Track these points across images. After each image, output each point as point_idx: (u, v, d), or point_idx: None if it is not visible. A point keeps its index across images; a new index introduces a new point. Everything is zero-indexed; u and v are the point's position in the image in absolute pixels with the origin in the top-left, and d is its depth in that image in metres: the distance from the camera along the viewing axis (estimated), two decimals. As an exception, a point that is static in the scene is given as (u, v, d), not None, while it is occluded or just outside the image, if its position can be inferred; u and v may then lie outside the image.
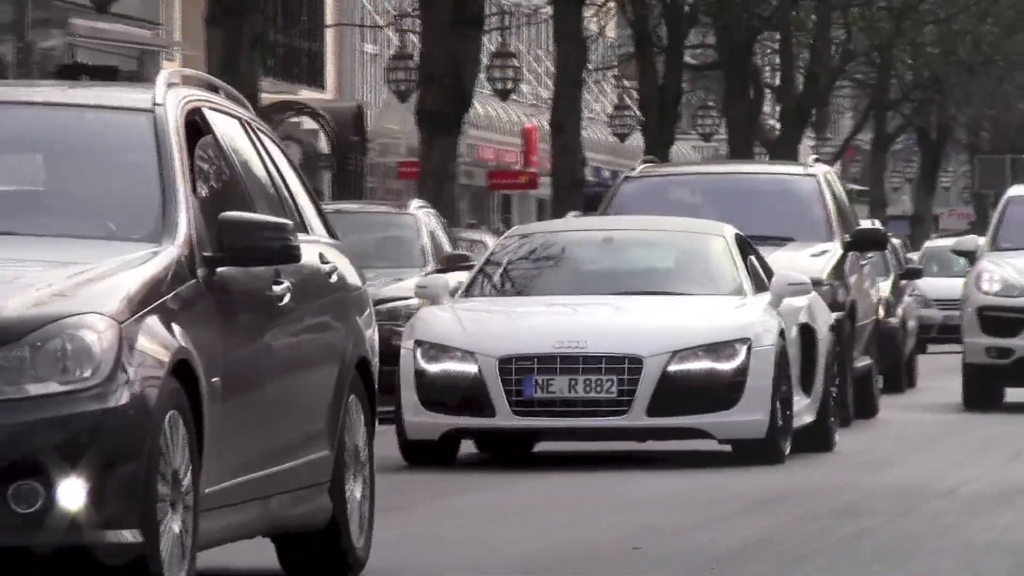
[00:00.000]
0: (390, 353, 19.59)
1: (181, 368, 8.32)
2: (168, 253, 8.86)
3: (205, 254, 9.24)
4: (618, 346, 14.18)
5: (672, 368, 14.32)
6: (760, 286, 16.99)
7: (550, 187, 75.05)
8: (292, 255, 9.75)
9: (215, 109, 10.72)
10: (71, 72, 12.60)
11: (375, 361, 12.47)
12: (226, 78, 41.72)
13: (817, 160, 41.39)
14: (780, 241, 27.47)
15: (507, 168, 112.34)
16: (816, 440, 18.19)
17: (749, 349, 14.42)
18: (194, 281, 8.99)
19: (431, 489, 15.41)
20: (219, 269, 9.43)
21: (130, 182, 9.75)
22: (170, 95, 9.88)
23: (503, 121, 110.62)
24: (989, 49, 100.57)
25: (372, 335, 12.53)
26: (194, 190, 9.54)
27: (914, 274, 51.50)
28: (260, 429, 10.06)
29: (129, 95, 10.51)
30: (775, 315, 15.96)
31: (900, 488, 17.30)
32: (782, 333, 15.70)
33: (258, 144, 11.36)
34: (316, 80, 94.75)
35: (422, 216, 40.15)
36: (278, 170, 11.53)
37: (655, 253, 17.84)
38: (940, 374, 44.26)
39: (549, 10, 75.58)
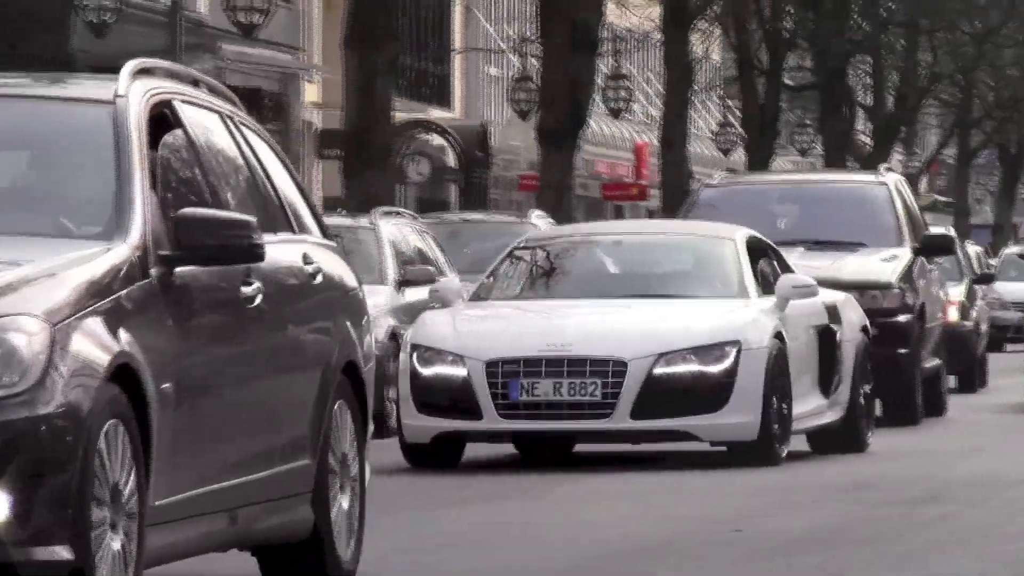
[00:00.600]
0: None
1: (123, 373, 7.48)
2: (118, 252, 8.04)
3: (161, 253, 8.42)
4: (602, 349, 14.04)
5: (657, 371, 14.07)
6: (769, 288, 16.53)
7: (659, 198, 76.76)
8: (255, 254, 8.92)
9: (189, 102, 9.81)
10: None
11: (369, 366, 11.39)
12: (362, 99, 44.65)
13: (888, 169, 39.17)
14: (852, 246, 28.78)
15: (619, 181, 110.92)
16: (844, 440, 17.61)
17: (739, 351, 14.19)
18: (146, 281, 8.17)
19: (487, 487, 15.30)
20: (177, 269, 8.60)
21: (85, 177, 9.00)
22: (135, 86, 9.02)
23: (616, 138, 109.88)
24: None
25: (366, 338, 11.60)
26: (154, 187, 8.72)
27: (987, 279, 50.33)
28: (225, 437, 9.14)
29: (92, 86, 9.61)
30: (774, 317, 15.52)
31: (973, 478, 17.39)
32: (780, 335, 15.29)
33: (240, 140, 10.39)
34: (444, 100, 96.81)
35: (542, 225, 39.59)
36: (263, 167, 10.58)
37: (662, 257, 17.58)
38: (1013, 373, 39.83)
39: (659, 35, 76.68)
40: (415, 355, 15.13)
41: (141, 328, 7.75)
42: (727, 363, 14.55)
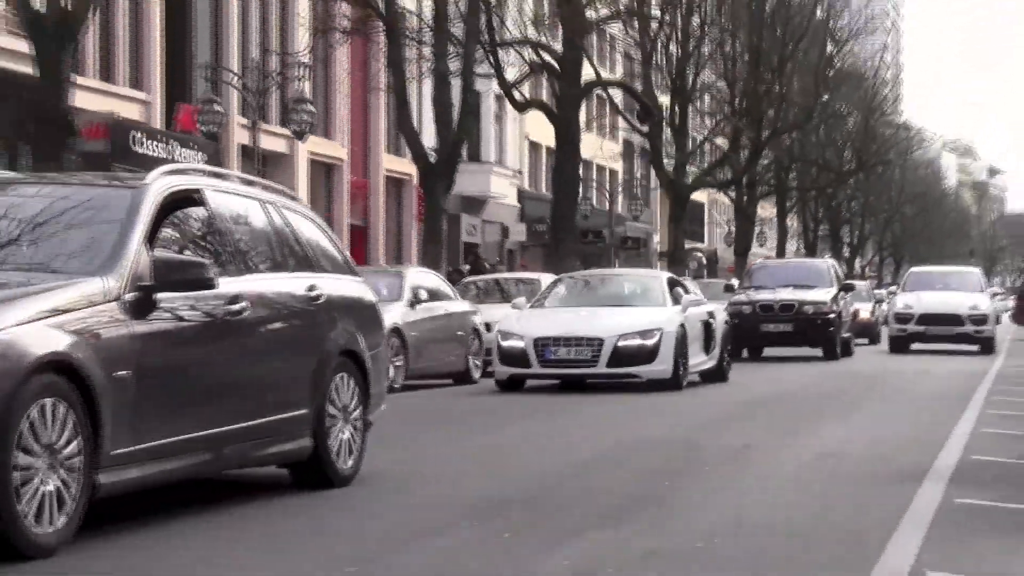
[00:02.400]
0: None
1: (64, 366, 10.81)
2: (94, 283, 11.47)
3: (141, 284, 11.80)
4: (591, 332, 24.31)
5: (620, 344, 24.13)
6: (679, 301, 26.97)
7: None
8: (206, 284, 12.40)
9: (222, 191, 13.97)
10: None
11: (375, 351, 16.23)
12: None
13: (829, 257, 64.31)
14: (811, 287, 42.73)
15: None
16: (716, 375, 28.77)
17: (661, 334, 24.38)
18: (114, 303, 11.46)
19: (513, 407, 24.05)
20: (160, 294, 12.21)
21: (101, 233, 12.36)
22: (162, 179, 12.80)
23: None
24: None
25: (371, 337, 16.22)
26: (151, 241, 12.10)
27: (849, 288, 52.76)
28: (196, 403, 12.86)
29: (136, 178, 13.44)
30: (680, 316, 25.72)
31: (774, 393, 27.93)
32: (682, 325, 25.55)
33: (271, 214, 14.68)
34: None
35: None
36: (292, 231, 15.12)
37: (624, 286, 29.10)
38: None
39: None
40: (499, 335, 25.42)
41: (99, 333, 11.34)
42: (655, 340, 24.37)
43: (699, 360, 27.08)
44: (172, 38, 55.96)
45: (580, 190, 59.91)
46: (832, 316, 40.02)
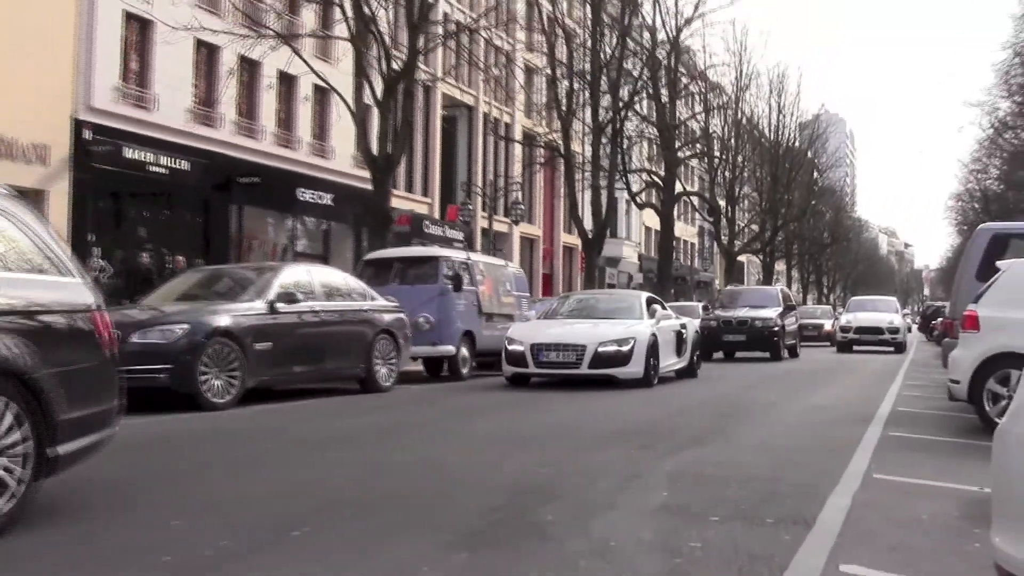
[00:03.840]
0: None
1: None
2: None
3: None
4: (576, 340, 19.26)
5: (600, 349, 19.06)
6: (654, 316, 21.03)
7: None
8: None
9: None
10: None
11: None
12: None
13: (778, 283, 53.01)
14: (764, 307, 34.56)
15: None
16: (688, 373, 22.96)
17: (635, 341, 19.32)
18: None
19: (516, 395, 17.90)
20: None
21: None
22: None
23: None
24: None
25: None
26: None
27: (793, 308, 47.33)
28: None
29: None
30: (652, 327, 20.08)
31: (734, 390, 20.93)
32: (654, 335, 19.97)
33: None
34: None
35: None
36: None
37: (609, 303, 22.46)
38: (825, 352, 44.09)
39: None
40: (506, 340, 20.16)
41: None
42: (629, 346, 19.41)
43: (671, 362, 21.65)
44: (445, 165, 56.58)
45: (673, 254, 59.76)
46: (776, 328, 33.44)
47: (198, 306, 14.94)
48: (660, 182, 55.00)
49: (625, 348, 19.24)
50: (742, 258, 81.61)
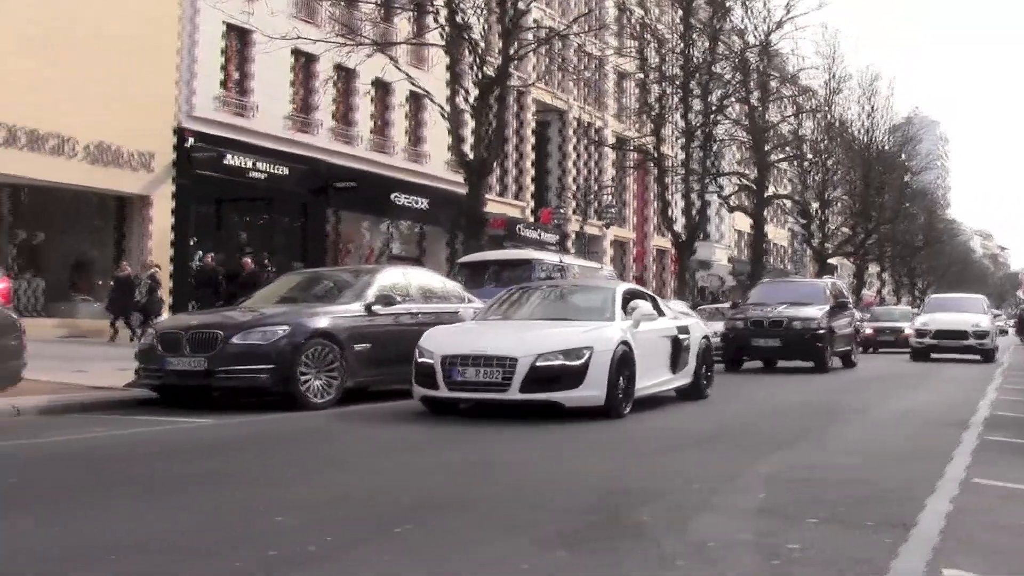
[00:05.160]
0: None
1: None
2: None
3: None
4: (503, 351, 12.98)
5: (538, 364, 12.79)
6: (633, 316, 14.90)
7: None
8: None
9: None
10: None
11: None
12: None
13: (828, 277, 40.90)
14: (807, 304, 27.73)
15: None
16: (694, 394, 16.58)
17: (591, 353, 13.00)
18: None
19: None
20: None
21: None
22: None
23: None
24: None
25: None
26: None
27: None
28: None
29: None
30: (624, 332, 13.91)
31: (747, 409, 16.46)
32: (625, 343, 13.72)
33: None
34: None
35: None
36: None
37: (573, 298, 16.17)
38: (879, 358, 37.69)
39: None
40: (417, 351, 13.87)
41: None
42: (582, 359, 13.14)
43: (663, 379, 15.64)
44: (538, 170, 56.62)
45: (764, 257, 59.27)
46: (821, 331, 26.45)
47: (298, 308, 15.05)
48: (751, 185, 54.60)
49: (576, 362, 13.14)
50: (834, 261, 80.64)
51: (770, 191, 57.84)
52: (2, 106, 27.96)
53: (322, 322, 14.39)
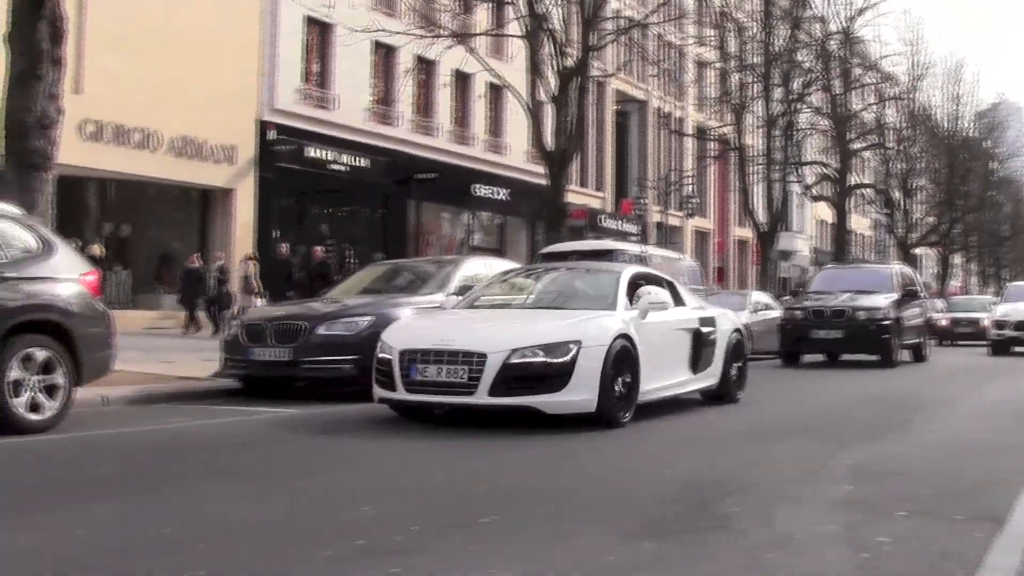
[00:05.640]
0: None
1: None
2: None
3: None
4: (471, 345, 10.58)
5: (512, 361, 10.36)
6: (640, 305, 12.25)
7: None
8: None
9: None
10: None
11: None
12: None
13: (897, 263, 37.62)
14: (874, 292, 25.13)
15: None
16: (721, 397, 13.98)
17: (579, 348, 10.52)
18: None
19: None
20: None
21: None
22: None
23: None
24: None
25: None
26: None
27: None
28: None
29: None
30: (625, 324, 11.40)
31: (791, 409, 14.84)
32: (626, 336, 11.20)
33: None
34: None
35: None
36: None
37: (571, 283, 13.43)
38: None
39: None
40: (379, 346, 11.47)
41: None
42: (568, 356, 10.59)
43: (679, 379, 13.06)
44: (619, 160, 56.48)
45: (847, 247, 58.67)
46: (887, 322, 23.75)
47: (381, 299, 15.11)
48: (834, 174, 54.04)
49: (559, 359, 10.71)
50: (918, 251, 79.63)
51: (852, 180, 57.17)
52: (90, 102, 28.37)
53: (405, 313, 14.41)
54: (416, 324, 12.09)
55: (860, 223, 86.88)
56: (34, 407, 10.13)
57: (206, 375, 15.22)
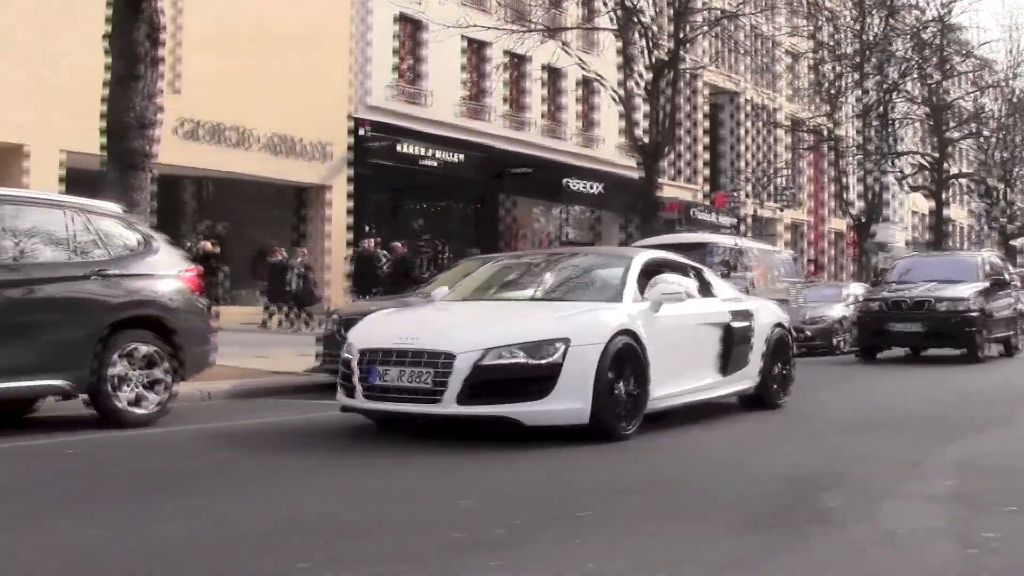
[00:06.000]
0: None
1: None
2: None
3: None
4: (438, 343, 8.96)
5: (485, 363, 8.77)
6: (652, 296, 10.34)
7: None
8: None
9: None
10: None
11: None
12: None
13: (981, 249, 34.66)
14: (957, 282, 22.86)
15: None
16: (761, 401, 12.02)
17: (566, 347, 8.84)
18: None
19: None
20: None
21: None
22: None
23: None
24: None
25: None
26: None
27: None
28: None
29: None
30: (629, 318, 9.62)
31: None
32: (630, 333, 9.40)
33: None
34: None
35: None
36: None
37: (573, 270, 11.37)
38: None
39: None
40: (345, 344, 9.85)
41: None
42: (553, 356, 8.84)
43: (700, 384, 11.08)
44: (712, 152, 56.15)
45: (945, 239, 57.83)
46: (972, 314, 21.79)
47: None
48: (931, 164, 53.21)
49: (542, 360, 9.01)
50: (1021, 241, 78.18)
51: (950, 170, 56.28)
52: (187, 101, 28.77)
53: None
54: (385, 319, 10.49)
55: (959, 213, 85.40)
56: (137, 401, 10.33)
57: (303, 370, 15.34)
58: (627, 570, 4.99)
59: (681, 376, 10.52)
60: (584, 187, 44.59)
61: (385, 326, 9.95)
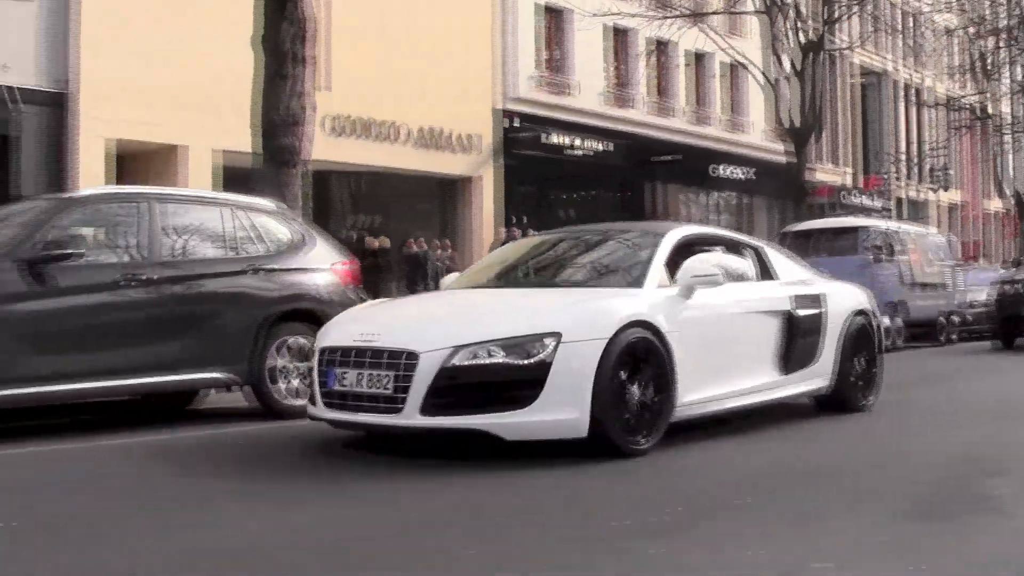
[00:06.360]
0: None
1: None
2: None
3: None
4: (399, 340, 7.37)
5: (454, 363, 7.11)
6: (686, 281, 8.39)
7: None
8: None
9: None
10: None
11: None
12: None
13: None
14: None
15: None
16: (839, 403, 10.07)
17: (557, 343, 7.12)
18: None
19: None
20: None
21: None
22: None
23: None
24: None
25: None
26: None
27: None
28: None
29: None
30: (649, 307, 7.85)
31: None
32: (645, 324, 7.61)
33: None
34: None
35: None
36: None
37: (584, 252, 9.58)
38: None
39: None
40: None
41: None
42: (539, 355, 7.09)
43: (754, 384, 8.97)
44: (863, 134, 55.14)
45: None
46: None
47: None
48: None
49: (525, 359, 7.23)
50: None
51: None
52: (337, 98, 29.20)
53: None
54: (358, 312, 9.07)
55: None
56: (296, 393, 10.52)
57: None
58: (799, 559, 4.93)
59: (724, 376, 8.72)
60: (732, 173, 44.16)
61: (353, 321, 8.45)
